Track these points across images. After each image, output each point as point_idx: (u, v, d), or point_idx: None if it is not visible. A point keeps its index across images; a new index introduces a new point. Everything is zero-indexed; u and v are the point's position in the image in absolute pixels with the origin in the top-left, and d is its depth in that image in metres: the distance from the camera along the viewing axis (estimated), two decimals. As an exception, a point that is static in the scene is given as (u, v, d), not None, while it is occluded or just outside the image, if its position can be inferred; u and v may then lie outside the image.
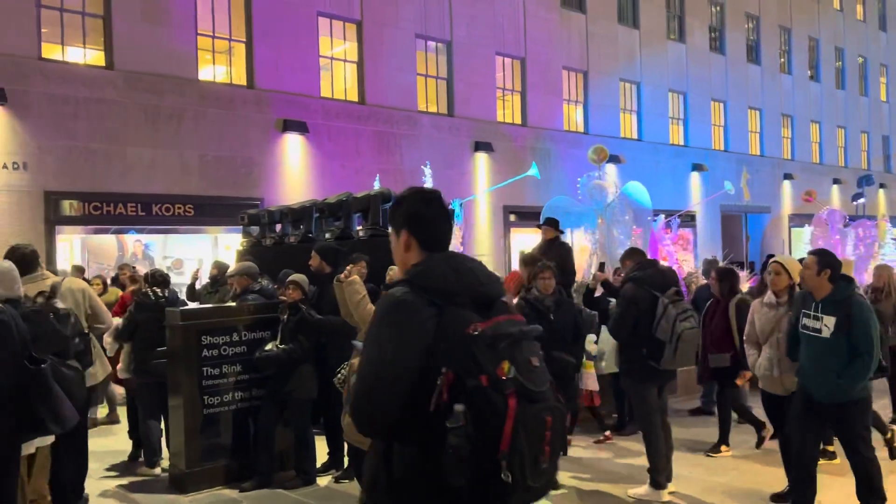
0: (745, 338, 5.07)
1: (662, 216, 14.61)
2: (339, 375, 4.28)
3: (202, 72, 14.13)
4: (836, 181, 29.70)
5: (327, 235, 7.24)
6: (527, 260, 6.00)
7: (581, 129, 21.09)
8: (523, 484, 1.71)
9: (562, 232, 7.45)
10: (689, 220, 22.47)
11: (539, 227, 7.17)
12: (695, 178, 23.94)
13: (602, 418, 6.93)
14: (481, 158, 18.28)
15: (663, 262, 12.24)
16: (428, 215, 2.03)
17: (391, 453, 1.82)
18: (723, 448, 6.30)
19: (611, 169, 19.16)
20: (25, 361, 3.09)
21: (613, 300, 5.83)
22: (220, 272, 8.26)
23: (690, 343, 4.84)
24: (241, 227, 9.37)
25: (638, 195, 9.22)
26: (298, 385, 5.19)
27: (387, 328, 1.83)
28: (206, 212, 13.76)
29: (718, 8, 25.70)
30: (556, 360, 4.38)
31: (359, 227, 7.24)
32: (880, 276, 7.36)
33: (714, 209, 24.09)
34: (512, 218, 18.79)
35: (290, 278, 5.37)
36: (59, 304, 4.37)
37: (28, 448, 3.59)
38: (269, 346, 5.19)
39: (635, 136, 22.66)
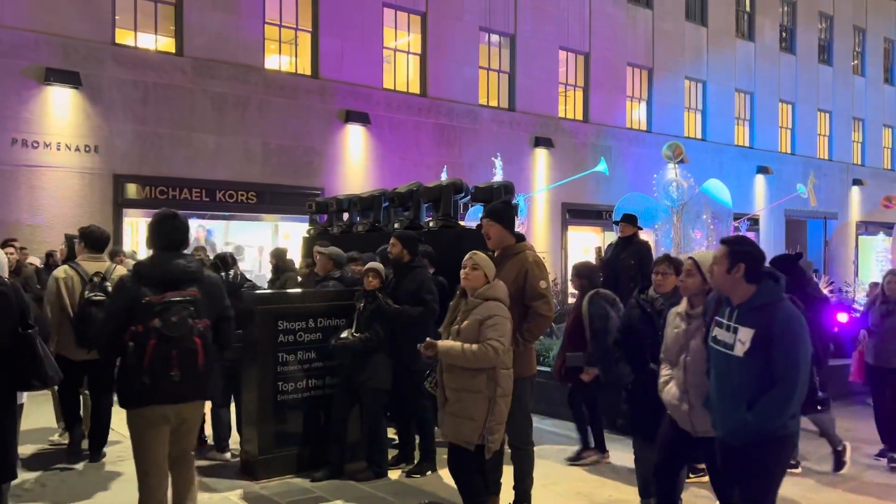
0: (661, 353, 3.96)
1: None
2: (430, 379, 4.26)
3: (268, 60, 14.20)
4: (908, 188, 28.42)
5: (396, 225, 7.12)
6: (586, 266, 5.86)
7: (644, 127, 20.61)
8: (162, 384, 3.41)
9: (640, 228, 7.18)
10: (752, 224, 21.80)
11: (616, 223, 6.91)
12: (759, 180, 23.21)
13: None
14: (541, 154, 18.00)
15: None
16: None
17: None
18: (586, 454, 5.78)
19: (669, 171, 18.64)
20: (19, 328, 3.62)
21: None
22: (278, 260, 8.23)
23: None
24: (300, 215, 9.33)
25: (718, 193, 8.86)
26: (373, 375, 5.06)
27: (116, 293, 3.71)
28: (267, 199, 13.84)
29: (790, 6, 24.84)
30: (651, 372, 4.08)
31: (428, 219, 7.10)
32: (890, 285, 6.09)
33: (778, 214, 23.32)
34: (568, 216, 18.48)
35: (369, 265, 5.24)
36: (108, 286, 5.27)
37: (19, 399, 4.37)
38: (344, 334, 5.08)
39: (699, 135, 22.06)
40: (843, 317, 8.58)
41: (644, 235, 10.68)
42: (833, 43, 26.28)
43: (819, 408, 3.79)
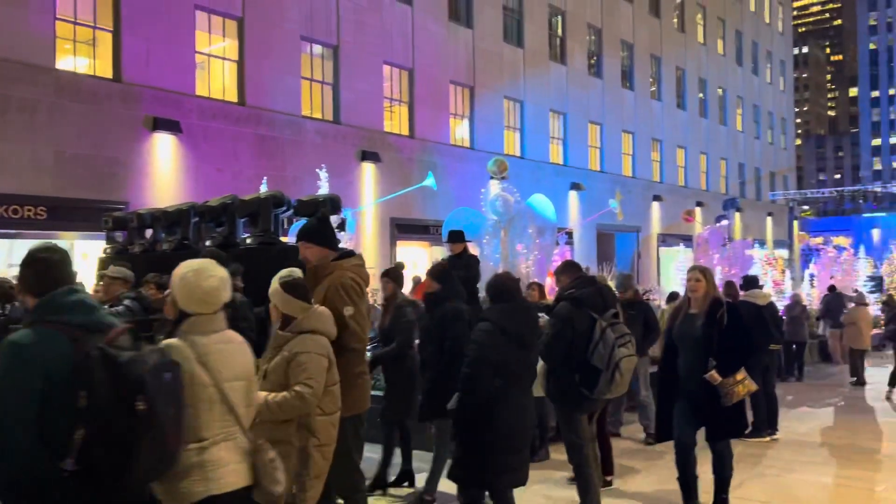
0: None
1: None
2: None
3: (61, 61, 12.70)
4: (699, 203, 31.48)
5: (207, 243, 6.42)
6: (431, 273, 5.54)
7: (467, 143, 21.02)
8: None
9: (469, 241, 7.05)
10: (566, 237, 22.93)
11: (446, 242, 6.73)
12: (573, 196, 24.52)
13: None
14: (368, 168, 17.71)
15: (550, 280, 12.27)
16: None
17: None
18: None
19: (494, 185, 19.13)
20: None
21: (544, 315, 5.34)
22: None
23: (628, 372, 4.43)
24: (102, 232, 8.27)
25: (542, 208, 9.01)
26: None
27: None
28: (61, 215, 12.32)
29: (596, 34, 26.62)
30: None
31: (245, 235, 6.48)
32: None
33: (590, 228, 24.75)
34: (397, 231, 18.33)
35: (169, 292, 4.56)
36: None
37: None
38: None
39: (518, 153, 22.89)
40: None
41: (472, 248, 10.71)
42: (634, 69, 28.53)
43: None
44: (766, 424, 7.67)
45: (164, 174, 13.82)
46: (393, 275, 5.75)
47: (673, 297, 9.76)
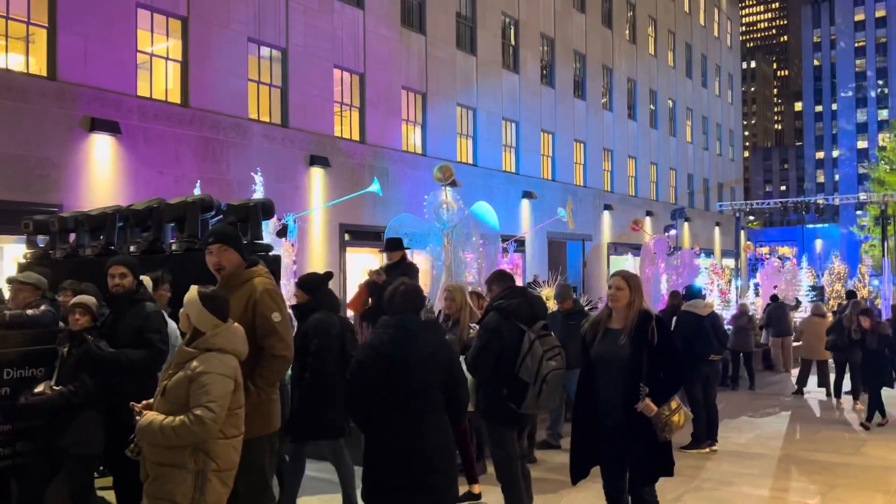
0: None
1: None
2: (134, 445, 3.26)
3: (-10, 56, 12.15)
4: (649, 213, 31.90)
5: (132, 248, 6.11)
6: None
7: (419, 150, 20.86)
8: None
9: (407, 249, 6.87)
10: (518, 245, 22.94)
11: (381, 251, 6.55)
12: (525, 204, 24.56)
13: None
14: (317, 173, 17.40)
15: (535, 290, 12.16)
16: None
17: None
18: None
19: (446, 193, 19.01)
20: None
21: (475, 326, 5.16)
22: None
23: (556, 385, 4.26)
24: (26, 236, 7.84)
25: (486, 216, 8.89)
26: (79, 438, 4.08)
27: None
28: (-13, 219, 11.72)
29: (549, 43, 26.79)
30: None
31: (172, 241, 6.18)
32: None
33: (541, 236, 24.83)
34: (347, 237, 18.05)
35: (76, 300, 4.28)
36: None
37: None
38: (40, 388, 4.06)
39: (471, 161, 22.84)
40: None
41: (418, 257, 10.53)
42: (586, 80, 28.80)
43: None
44: (706, 435, 7.66)
45: (102, 177, 13.31)
46: (300, 283, 5.41)
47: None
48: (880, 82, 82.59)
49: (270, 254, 5.85)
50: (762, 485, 6.32)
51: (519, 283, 16.69)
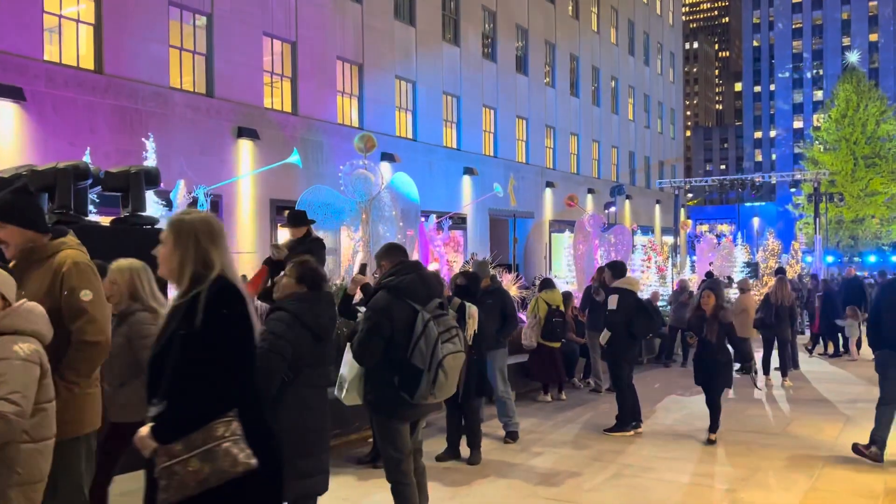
0: None
1: (434, 217, 14.19)
2: None
3: None
4: (590, 190, 31.96)
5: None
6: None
7: (356, 123, 20.24)
8: None
9: (313, 221, 6.40)
10: (460, 222, 22.60)
11: (281, 226, 6.06)
12: (466, 181, 24.21)
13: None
14: (245, 146, 16.67)
15: (436, 265, 11.75)
16: None
17: None
18: None
19: (385, 167, 18.51)
20: None
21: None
22: None
23: (454, 371, 3.79)
24: None
25: (405, 188, 8.45)
26: None
27: None
28: None
29: (491, 17, 26.31)
30: None
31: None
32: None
33: (483, 213, 24.54)
34: (278, 213, 17.39)
35: None
36: None
37: None
38: None
39: (410, 135, 22.32)
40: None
41: (341, 234, 10.03)
42: (528, 55, 28.46)
43: None
44: (630, 418, 7.44)
45: (6, 147, 12.39)
46: None
47: (546, 283, 9.43)
48: (815, 63, 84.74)
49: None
50: (684, 470, 6.12)
51: (458, 258, 16.16)
